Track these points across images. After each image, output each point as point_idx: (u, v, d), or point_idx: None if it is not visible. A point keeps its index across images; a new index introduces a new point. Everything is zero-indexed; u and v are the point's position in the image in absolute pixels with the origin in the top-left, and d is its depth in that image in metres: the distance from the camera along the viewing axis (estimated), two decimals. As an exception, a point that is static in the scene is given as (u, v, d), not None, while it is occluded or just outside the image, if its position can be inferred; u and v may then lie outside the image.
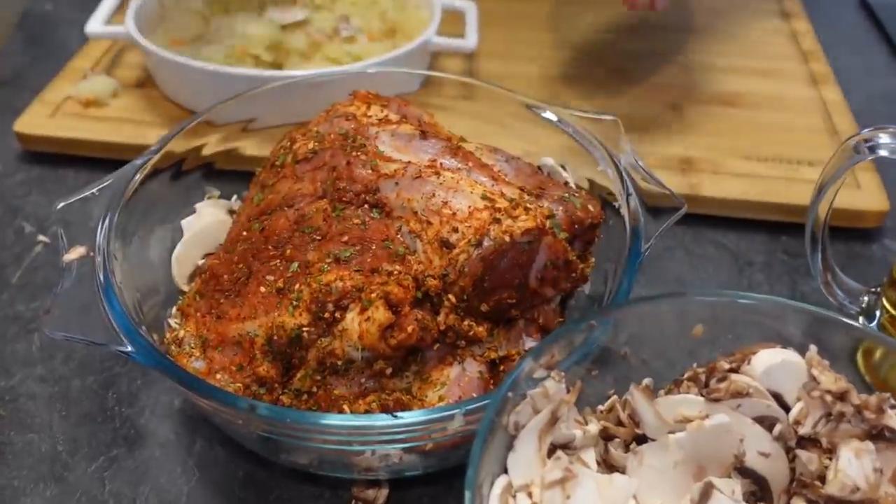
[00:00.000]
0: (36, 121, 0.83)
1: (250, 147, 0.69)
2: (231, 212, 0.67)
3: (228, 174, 0.69)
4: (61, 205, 0.57)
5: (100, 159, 0.82)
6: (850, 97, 0.91)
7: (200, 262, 0.63)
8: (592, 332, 0.46)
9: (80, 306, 0.51)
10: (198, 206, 0.66)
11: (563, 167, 0.65)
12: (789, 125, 0.86)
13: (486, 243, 0.52)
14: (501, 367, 0.55)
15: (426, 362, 0.53)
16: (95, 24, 0.86)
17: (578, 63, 0.96)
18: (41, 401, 0.61)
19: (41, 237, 0.74)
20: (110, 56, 0.94)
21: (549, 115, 0.67)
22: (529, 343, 0.57)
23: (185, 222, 0.64)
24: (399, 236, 0.53)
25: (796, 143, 0.83)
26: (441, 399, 0.51)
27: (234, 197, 0.69)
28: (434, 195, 0.54)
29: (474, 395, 0.52)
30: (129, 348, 0.47)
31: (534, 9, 1.05)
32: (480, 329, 0.54)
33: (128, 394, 0.61)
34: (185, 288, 0.62)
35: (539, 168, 0.65)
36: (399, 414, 0.44)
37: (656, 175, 0.61)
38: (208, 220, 0.65)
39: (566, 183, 0.63)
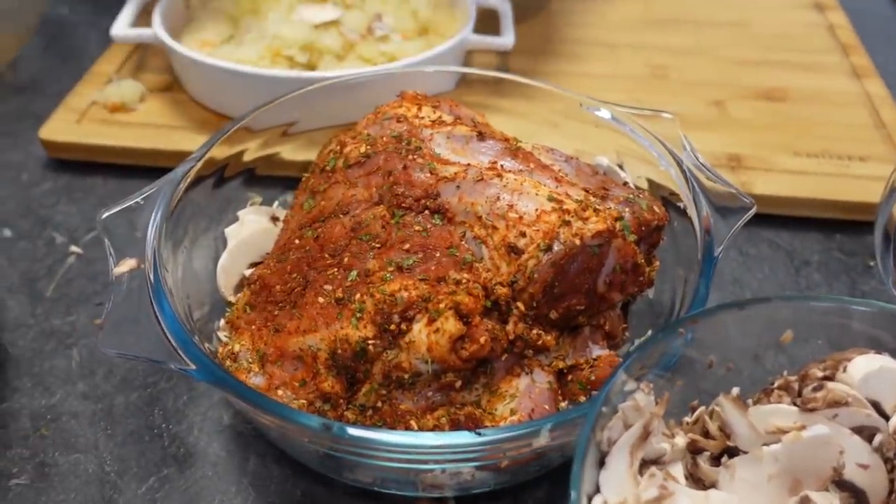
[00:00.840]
0: (62, 127, 0.81)
1: (289, 151, 0.67)
2: (274, 218, 0.64)
3: (266, 179, 0.67)
4: (105, 215, 0.54)
5: (128, 166, 0.80)
6: (891, 90, 0.89)
7: (247, 272, 0.61)
8: (679, 341, 0.44)
9: (133, 321, 0.48)
10: (240, 213, 0.63)
11: (620, 167, 0.63)
12: (835, 120, 0.84)
13: (556, 248, 0.49)
14: (569, 377, 0.53)
15: (494, 374, 0.51)
16: (121, 28, 0.83)
17: (615, 59, 0.93)
18: (84, 419, 0.58)
19: (73, 248, 0.72)
20: (134, 60, 0.91)
21: (603, 112, 0.65)
22: (597, 351, 0.54)
23: (228, 231, 0.62)
24: (463, 243, 0.51)
25: (844, 139, 0.81)
26: (513, 412, 0.49)
27: (276, 203, 0.67)
28: (498, 198, 0.51)
29: (546, 407, 0.50)
30: (191, 366, 0.45)
31: (565, 5, 1.03)
32: (549, 338, 0.52)
33: (174, 410, 0.59)
34: (232, 299, 0.59)
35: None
36: (482, 431, 0.42)
37: (721, 174, 0.59)
38: (252, 228, 0.62)
39: (625, 183, 0.61)
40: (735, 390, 0.45)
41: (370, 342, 0.48)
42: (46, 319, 0.65)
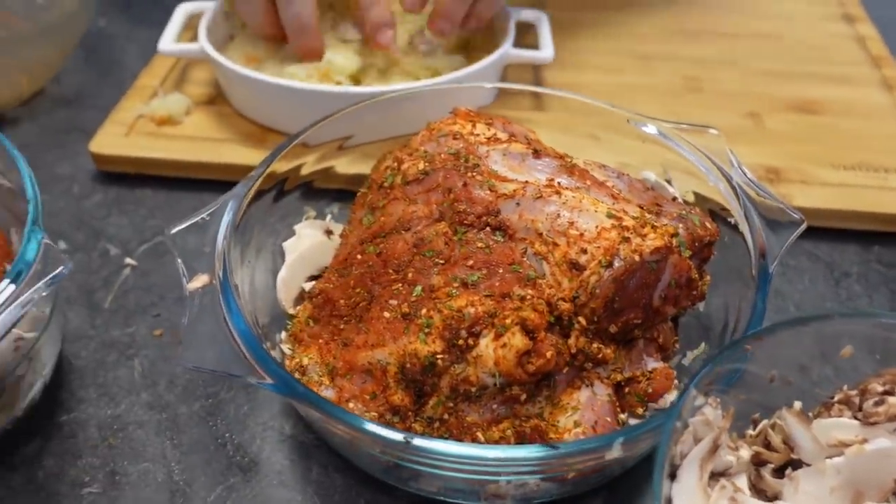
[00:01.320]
0: (111, 140, 0.82)
1: (343, 165, 0.69)
2: (328, 232, 0.66)
3: (317, 192, 0.68)
4: (174, 230, 0.56)
5: (175, 178, 0.82)
6: (923, 101, 0.90)
7: (305, 285, 0.62)
8: (745, 356, 0.46)
9: (209, 336, 0.50)
10: (297, 227, 0.65)
11: (668, 182, 0.64)
12: (870, 132, 0.85)
13: (616, 264, 0.51)
14: (626, 389, 0.54)
15: (556, 386, 0.52)
16: (167, 43, 0.85)
17: (648, 71, 0.95)
18: (150, 429, 0.60)
19: (128, 260, 0.73)
20: (176, 73, 0.93)
21: (650, 128, 0.66)
22: (651, 363, 0.56)
23: (286, 244, 0.63)
24: (525, 259, 0.53)
25: (880, 151, 0.82)
26: (576, 424, 0.50)
27: (329, 216, 0.69)
28: (559, 215, 0.53)
29: (608, 419, 0.52)
30: (269, 381, 0.46)
31: (598, 17, 1.04)
32: (608, 351, 0.53)
33: (236, 420, 0.60)
34: (292, 312, 0.61)
35: (640, 183, 0.64)
36: (557, 444, 0.43)
37: (769, 189, 0.60)
38: (309, 241, 0.64)
39: (674, 199, 0.62)
40: (797, 404, 0.47)
41: (439, 357, 0.50)
42: (106, 331, 0.67)
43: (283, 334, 0.59)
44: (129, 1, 1.13)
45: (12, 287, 0.47)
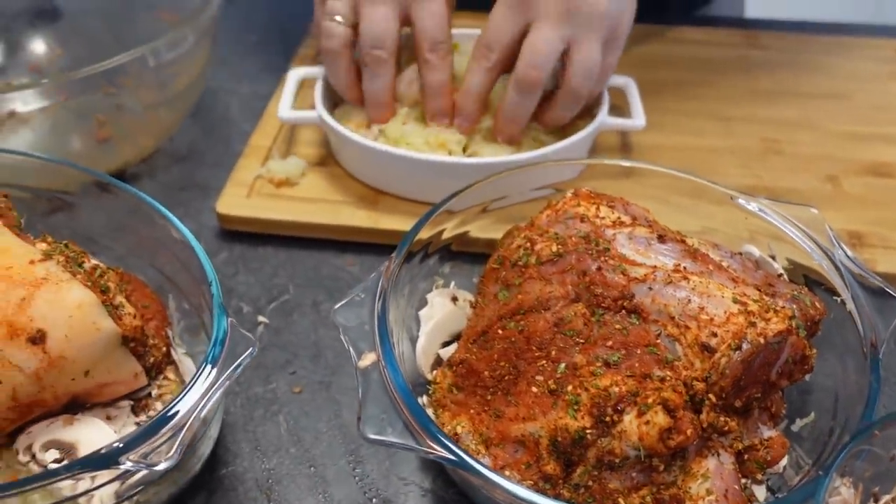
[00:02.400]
0: (235, 201, 0.88)
1: (476, 230, 0.74)
2: (454, 298, 0.72)
3: (442, 259, 0.74)
4: (337, 307, 0.62)
5: (293, 237, 0.88)
6: None
7: (440, 351, 0.68)
8: (873, 440, 0.51)
9: (384, 409, 0.55)
10: (429, 296, 0.71)
11: (773, 258, 0.70)
12: (943, 197, 0.90)
13: (744, 346, 0.56)
14: (745, 457, 0.60)
15: (688, 456, 0.58)
16: (285, 110, 0.91)
17: (729, 133, 1.00)
18: (302, 483, 0.66)
19: (261, 318, 0.80)
20: (285, 133, 0.99)
21: (752, 205, 0.71)
22: (766, 432, 0.61)
23: (422, 314, 0.69)
24: (659, 341, 0.58)
25: (954, 216, 0.87)
26: (708, 492, 0.56)
27: (453, 283, 0.74)
28: (689, 301, 0.59)
29: (735, 487, 0.57)
30: (451, 457, 0.52)
31: (674, 76, 1.09)
32: (733, 423, 0.59)
33: (380, 475, 0.66)
34: (430, 377, 0.67)
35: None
36: (711, 520, 0.49)
37: (869, 270, 0.65)
38: (441, 310, 0.70)
39: (780, 275, 0.68)
40: (918, 482, 0.52)
41: (588, 431, 0.55)
42: (250, 387, 0.73)
43: (425, 398, 0.65)
44: (225, 58, 1.19)
45: (214, 371, 0.54)
